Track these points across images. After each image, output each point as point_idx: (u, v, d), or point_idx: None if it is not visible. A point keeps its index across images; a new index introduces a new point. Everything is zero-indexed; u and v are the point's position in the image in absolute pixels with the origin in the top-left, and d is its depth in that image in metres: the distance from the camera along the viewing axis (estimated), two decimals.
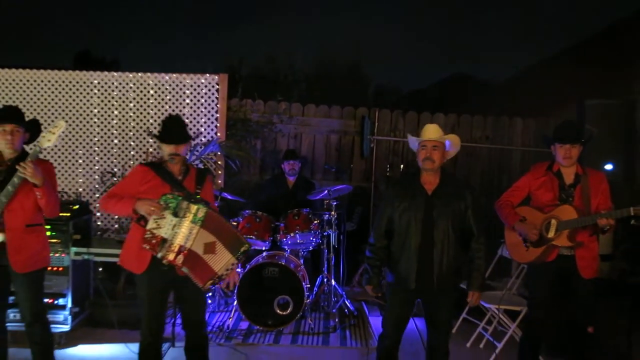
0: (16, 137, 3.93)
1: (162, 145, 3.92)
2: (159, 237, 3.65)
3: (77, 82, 6.66)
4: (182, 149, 3.91)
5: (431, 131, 3.99)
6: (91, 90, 6.66)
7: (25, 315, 4.08)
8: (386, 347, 4.16)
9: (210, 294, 6.14)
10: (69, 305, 5.08)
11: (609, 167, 5.91)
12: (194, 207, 3.67)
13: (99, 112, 6.67)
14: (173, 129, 3.92)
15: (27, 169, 3.71)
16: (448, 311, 4.07)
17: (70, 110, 6.64)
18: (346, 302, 6.19)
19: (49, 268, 4.67)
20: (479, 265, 3.99)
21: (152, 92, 6.68)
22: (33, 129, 4.10)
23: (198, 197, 3.82)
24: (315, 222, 6.01)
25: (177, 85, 6.68)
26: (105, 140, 6.68)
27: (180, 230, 3.65)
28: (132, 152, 6.66)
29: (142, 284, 3.86)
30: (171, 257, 3.63)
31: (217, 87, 6.67)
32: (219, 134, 6.62)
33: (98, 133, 6.67)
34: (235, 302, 5.64)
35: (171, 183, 3.84)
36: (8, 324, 4.24)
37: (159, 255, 3.65)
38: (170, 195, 3.72)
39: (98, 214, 6.57)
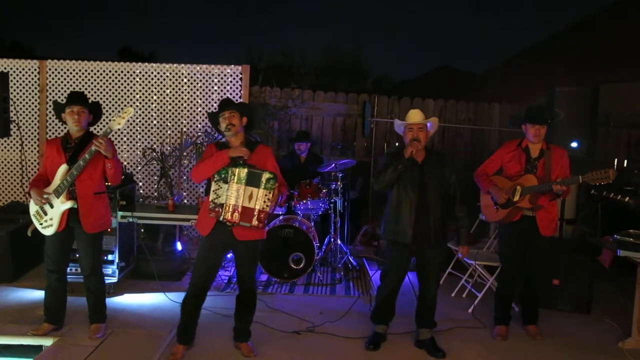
0: (82, 117, 3.92)
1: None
2: (219, 204, 3.61)
3: (122, 72, 6.53)
4: (234, 120, 3.72)
5: (416, 115, 3.97)
6: (134, 78, 6.54)
7: (85, 269, 4.07)
8: (385, 295, 4.15)
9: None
10: (117, 260, 5.02)
11: (574, 144, 5.79)
12: (236, 170, 3.59)
13: (140, 97, 6.56)
14: (224, 102, 3.84)
15: (102, 144, 3.69)
16: (438, 264, 4.08)
17: (115, 96, 6.53)
18: (350, 258, 6.13)
19: None
20: (464, 225, 4.04)
21: (185, 80, 6.55)
22: (95, 111, 4.08)
23: (241, 162, 3.66)
24: (324, 190, 5.94)
25: (207, 75, 6.54)
26: (146, 122, 6.58)
27: (231, 192, 3.59)
28: (168, 132, 6.55)
29: (204, 243, 3.78)
30: (228, 216, 3.59)
31: (241, 76, 6.54)
32: None
33: (139, 115, 6.56)
34: None
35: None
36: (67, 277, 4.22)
37: (221, 218, 3.61)
38: (223, 170, 3.63)
39: (140, 183, 6.52)
